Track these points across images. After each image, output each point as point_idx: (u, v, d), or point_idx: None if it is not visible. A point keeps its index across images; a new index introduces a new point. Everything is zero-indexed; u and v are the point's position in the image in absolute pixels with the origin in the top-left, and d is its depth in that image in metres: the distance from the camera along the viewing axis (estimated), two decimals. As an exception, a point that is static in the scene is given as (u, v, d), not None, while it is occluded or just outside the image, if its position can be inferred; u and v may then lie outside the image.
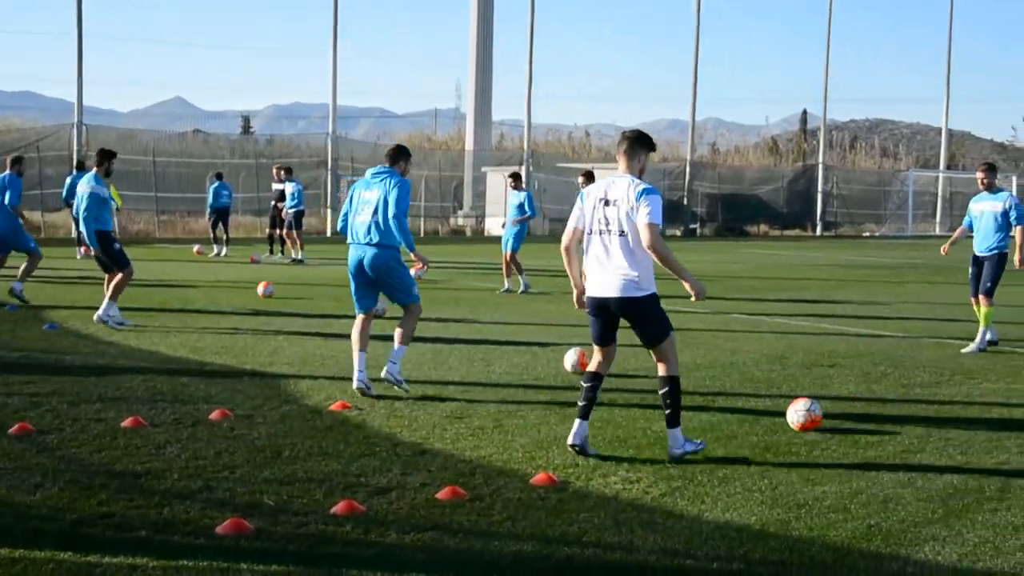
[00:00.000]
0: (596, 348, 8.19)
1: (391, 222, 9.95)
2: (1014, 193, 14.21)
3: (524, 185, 22.11)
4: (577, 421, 7.95)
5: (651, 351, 8.03)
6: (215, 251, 29.13)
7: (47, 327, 13.87)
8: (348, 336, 13.55)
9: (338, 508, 6.41)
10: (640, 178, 7.85)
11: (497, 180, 43.44)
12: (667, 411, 7.83)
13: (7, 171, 17.41)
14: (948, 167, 66.46)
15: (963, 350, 13.52)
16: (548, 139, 70.88)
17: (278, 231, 28.35)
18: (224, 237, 29.58)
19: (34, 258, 16.96)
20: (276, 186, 28.80)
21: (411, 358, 11.92)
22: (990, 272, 13.71)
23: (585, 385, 8.08)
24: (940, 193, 63.09)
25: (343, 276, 11.42)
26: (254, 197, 40.18)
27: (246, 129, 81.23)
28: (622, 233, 7.70)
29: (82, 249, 26.78)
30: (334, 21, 42.77)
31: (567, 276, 8.44)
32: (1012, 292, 14.02)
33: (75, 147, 37.05)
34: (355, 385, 9.93)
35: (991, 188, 14.00)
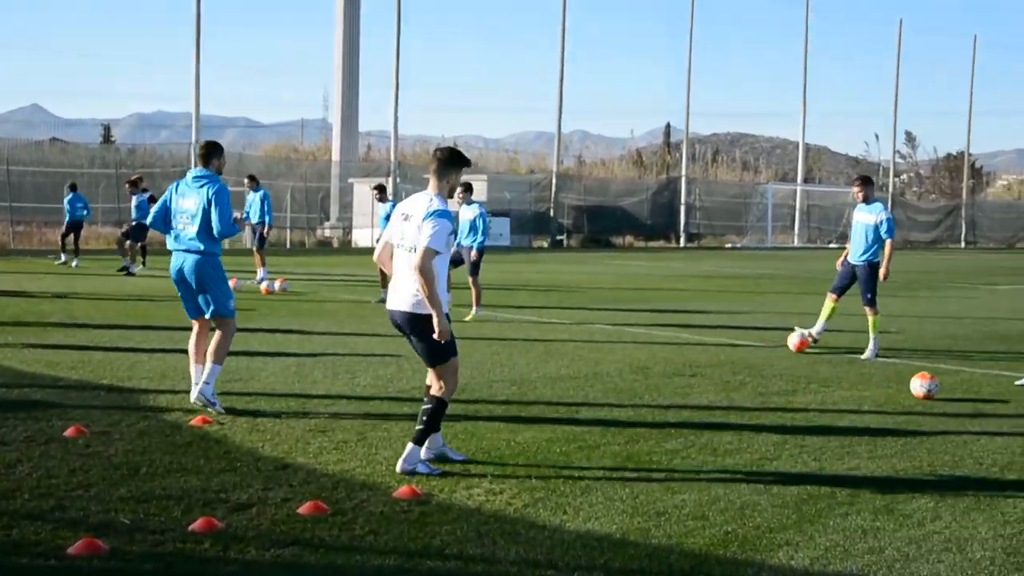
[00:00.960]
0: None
1: (218, 238, 9.84)
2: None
3: (391, 196, 21.94)
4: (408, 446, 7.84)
5: (431, 370, 7.88)
6: (63, 260, 28.51)
7: None
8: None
9: (196, 525, 6.28)
10: (451, 195, 7.83)
11: (364, 191, 43.22)
12: (419, 426, 7.72)
13: None
14: (805, 180, 68.34)
15: (861, 356, 14.11)
16: (416, 150, 70.67)
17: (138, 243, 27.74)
18: (75, 248, 28.88)
19: None
20: (135, 197, 28.25)
21: (275, 371, 11.80)
22: (865, 283, 14.40)
23: (424, 399, 7.96)
24: (798, 206, 64.83)
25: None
26: (114, 208, 39.27)
27: (107, 138, 79.20)
28: (412, 249, 7.62)
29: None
30: (196, 28, 42.07)
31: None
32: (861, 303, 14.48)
33: (-76, 155, 35.81)
34: (192, 398, 9.72)
35: (867, 200, 14.62)
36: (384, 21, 47.62)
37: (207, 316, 10.04)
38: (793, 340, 14.34)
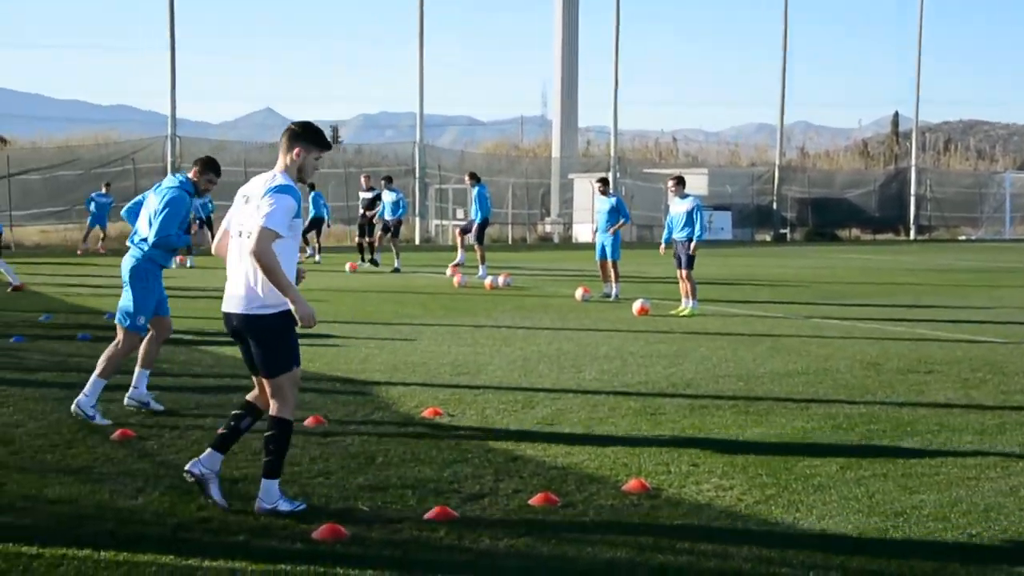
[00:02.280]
0: (256, 379, 6.79)
1: (151, 238, 9.22)
2: None
3: (612, 190, 21.75)
4: (208, 450, 6.71)
5: (266, 383, 6.59)
6: (307, 256, 29.50)
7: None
8: (438, 347, 13.68)
9: (432, 514, 6.46)
10: (304, 177, 6.62)
11: (584, 187, 43.40)
12: (265, 457, 6.52)
13: None
14: (1047, 168, 65.04)
15: None
16: (635, 145, 70.63)
17: (367, 239, 28.54)
18: (317, 245, 30.19)
19: None
20: (363, 195, 29.12)
21: (501, 365, 11.99)
22: None
23: (232, 412, 6.89)
24: (1038, 195, 61.74)
25: (431, 284, 11.46)
26: (343, 206, 40.58)
27: (335, 139, 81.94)
28: (248, 235, 6.35)
29: (178, 258, 27.35)
30: (420, 30, 43.08)
31: (650, 282, 8.32)
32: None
33: (169, 159, 37.87)
34: (125, 402, 9.38)
35: None
36: (603, 17, 47.53)
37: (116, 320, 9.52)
38: None
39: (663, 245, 18.25)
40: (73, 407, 9.00)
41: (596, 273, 20.73)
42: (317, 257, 29.78)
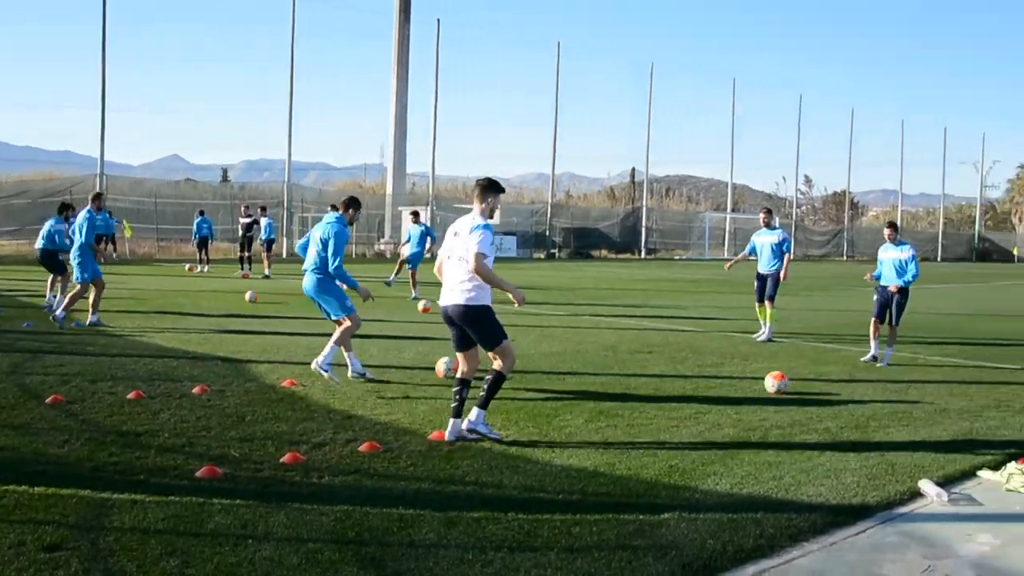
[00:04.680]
0: (459, 356, 7.31)
1: (331, 269, 9.48)
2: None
3: (425, 221, 22.04)
4: (451, 420, 7.13)
5: (491, 353, 7.13)
6: (199, 268, 28.53)
7: (74, 324, 13.40)
8: (299, 333, 13.35)
9: (286, 458, 6.34)
10: (491, 216, 7.16)
11: (408, 217, 43.11)
12: (482, 392, 7.01)
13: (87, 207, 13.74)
14: (733, 210, 68.11)
15: (755, 337, 14.04)
16: (448, 187, 70.42)
17: (245, 252, 27.92)
18: (206, 258, 29.04)
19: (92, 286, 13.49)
20: (242, 220, 28.43)
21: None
22: (771, 285, 14.32)
23: (455, 389, 7.26)
24: (727, 229, 64.67)
25: (299, 287, 11.21)
26: (230, 228, 39.31)
27: (224, 178, 79.06)
28: (461, 259, 7.01)
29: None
30: (289, 97, 42.12)
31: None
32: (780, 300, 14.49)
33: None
34: (349, 374, 9.56)
35: (769, 225, 14.63)
36: (429, 85, 47.67)
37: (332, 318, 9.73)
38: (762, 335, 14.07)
39: None
40: (313, 365, 9.28)
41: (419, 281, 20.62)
42: (206, 268, 28.67)
